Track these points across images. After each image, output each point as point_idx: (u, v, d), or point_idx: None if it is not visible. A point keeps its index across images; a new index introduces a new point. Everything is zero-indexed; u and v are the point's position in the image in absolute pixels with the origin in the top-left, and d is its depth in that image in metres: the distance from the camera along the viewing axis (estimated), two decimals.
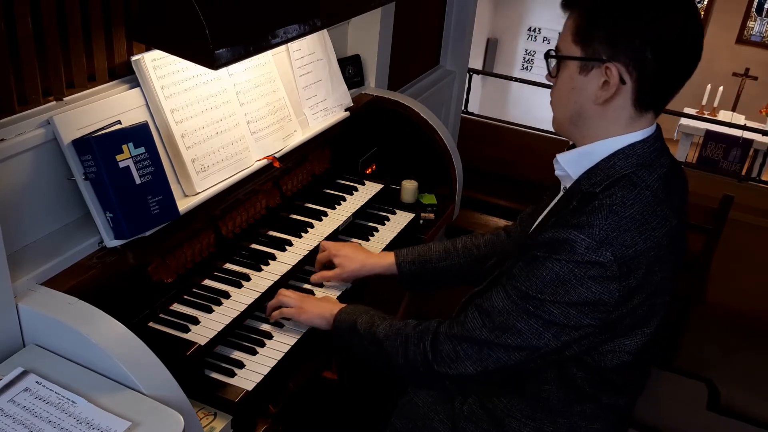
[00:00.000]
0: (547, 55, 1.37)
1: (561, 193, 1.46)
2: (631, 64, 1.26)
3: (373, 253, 1.87)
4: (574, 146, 1.43)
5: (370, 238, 2.07)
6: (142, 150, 1.44)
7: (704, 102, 7.44)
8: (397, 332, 1.47)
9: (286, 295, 1.67)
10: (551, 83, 1.40)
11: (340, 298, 1.77)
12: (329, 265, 1.86)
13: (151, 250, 1.53)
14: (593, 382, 1.41)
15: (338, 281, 1.83)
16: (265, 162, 1.85)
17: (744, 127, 6.10)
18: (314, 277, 1.83)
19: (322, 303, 1.65)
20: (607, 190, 1.29)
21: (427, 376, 1.44)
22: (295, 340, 1.61)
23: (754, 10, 8.79)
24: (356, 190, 2.21)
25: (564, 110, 1.38)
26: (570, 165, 1.39)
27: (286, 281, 1.79)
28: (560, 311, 1.29)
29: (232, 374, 1.49)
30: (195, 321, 1.56)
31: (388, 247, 2.05)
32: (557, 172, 1.44)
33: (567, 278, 1.27)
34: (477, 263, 1.78)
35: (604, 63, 1.27)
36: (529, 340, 1.33)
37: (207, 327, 1.55)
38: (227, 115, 1.75)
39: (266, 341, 1.60)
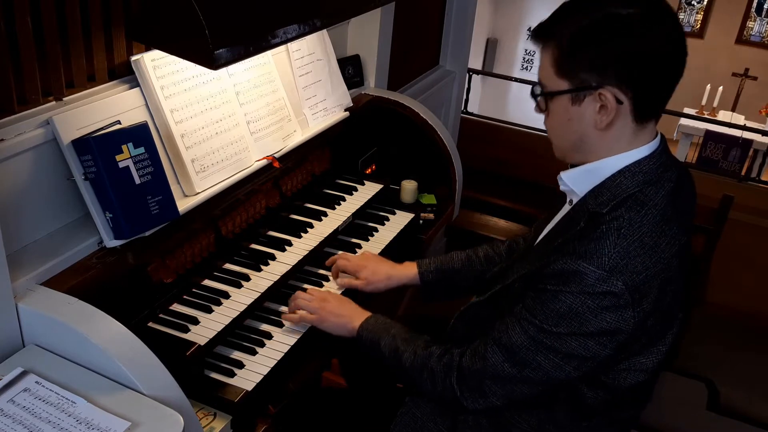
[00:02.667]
0: (534, 94, 1.32)
1: (568, 206, 1.43)
2: (624, 84, 1.22)
3: (395, 264, 1.85)
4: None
5: (369, 238, 2.07)
6: (141, 150, 1.44)
7: (704, 102, 7.44)
8: (422, 365, 1.46)
9: (306, 299, 1.66)
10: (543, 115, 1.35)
11: (346, 294, 1.78)
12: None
13: (151, 250, 1.53)
14: (604, 401, 1.39)
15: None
16: (264, 162, 1.85)
17: (744, 128, 6.08)
18: (340, 282, 1.82)
19: (342, 311, 1.63)
20: (613, 212, 1.26)
21: (456, 408, 1.47)
22: (295, 340, 1.61)
23: (753, 10, 8.78)
24: (356, 190, 2.21)
25: (565, 140, 1.34)
26: (575, 183, 1.35)
27: (285, 281, 1.80)
28: (578, 343, 1.28)
29: (232, 374, 1.49)
30: (195, 321, 1.56)
31: (388, 247, 2.05)
32: (562, 188, 1.40)
33: (580, 310, 1.25)
34: None
35: (596, 89, 1.23)
36: (550, 374, 1.32)
37: (207, 327, 1.55)
38: (227, 115, 1.75)
39: (266, 341, 1.60)
